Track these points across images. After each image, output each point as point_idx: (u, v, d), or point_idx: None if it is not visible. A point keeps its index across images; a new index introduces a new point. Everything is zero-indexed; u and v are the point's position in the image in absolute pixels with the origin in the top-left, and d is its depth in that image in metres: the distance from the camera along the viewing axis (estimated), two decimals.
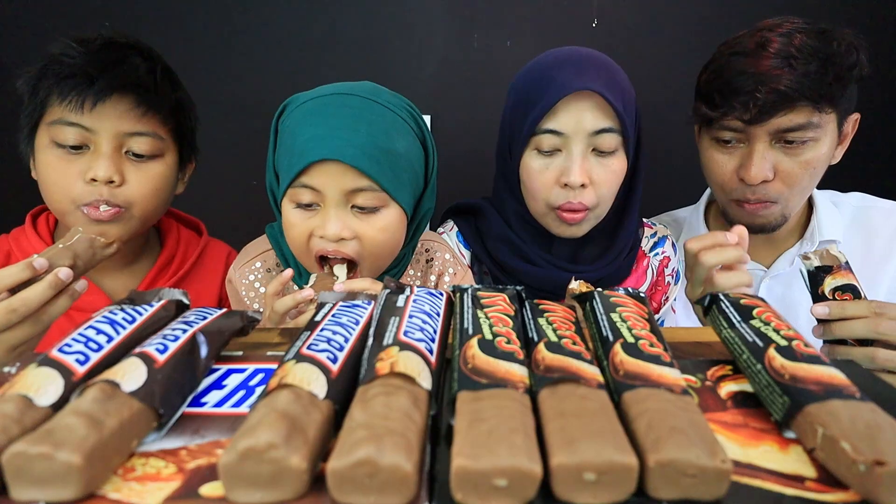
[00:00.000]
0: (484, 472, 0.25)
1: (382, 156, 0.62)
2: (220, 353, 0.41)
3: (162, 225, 0.87)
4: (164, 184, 0.75)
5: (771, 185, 0.78)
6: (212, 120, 1.21)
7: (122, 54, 0.70)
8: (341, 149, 0.60)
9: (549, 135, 0.73)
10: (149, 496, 0.27)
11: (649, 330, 0.37)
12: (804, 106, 0.73)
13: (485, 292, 0.42)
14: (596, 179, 0.74)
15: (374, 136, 0.62)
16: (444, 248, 0.82)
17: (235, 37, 1.20)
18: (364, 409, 0.28)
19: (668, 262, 0.90)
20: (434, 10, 1.21)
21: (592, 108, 0.72)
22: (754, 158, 0.77)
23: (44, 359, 0.32)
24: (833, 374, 0.32)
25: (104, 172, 0.69)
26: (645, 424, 0.28)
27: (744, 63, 0.75)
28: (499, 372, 0.32)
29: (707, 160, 0.85)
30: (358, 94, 0.64)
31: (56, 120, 0.68)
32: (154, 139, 0.72)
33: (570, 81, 0.71)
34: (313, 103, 0.65)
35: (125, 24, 1.16)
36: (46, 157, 0.70)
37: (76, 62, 0.67)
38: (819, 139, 0.76)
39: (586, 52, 0.76)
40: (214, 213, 1.01)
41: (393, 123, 0.65)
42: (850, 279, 0.62)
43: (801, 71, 0.72)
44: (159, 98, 0.72)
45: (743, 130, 0.77)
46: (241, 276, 0.75)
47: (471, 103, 1.25)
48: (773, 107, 0.73)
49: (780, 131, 0.75)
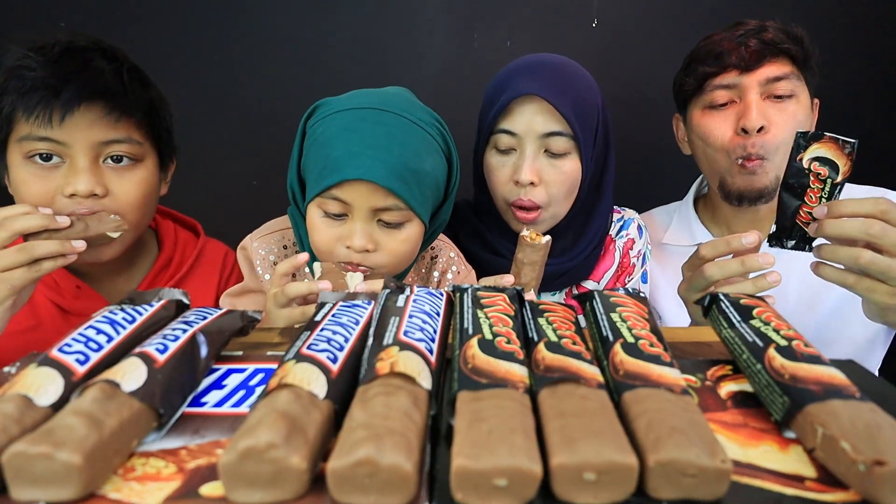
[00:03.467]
0: (484, 471, 0.25)
1: (412, 176, 0.65)
2: (220, 352, 0.41)
3: (159, 227, 0.86)
4: (149, 189, 0.73)
5: (765, 139, 0.83)
6: (212, 119, 1.22)
7: (84, 59, 0.66)
8: (375, 169, 0.62)
9: (504, 134, 0.79)
10: (149, 496, 0.27)
11: (649, 330, 0.37)
12: (785, 58, 0.82)
13: (485, 292, 0.42)
14: (546, 179, 0.78)
15: (406, 157, 0.64)
16: (449, 247, 0.84)
17: (235, 36, 1.20)
18: (364, 409, 0.28)
19: (633, 244, 0.94)
20: (434, 10, 1.21)
21: (543, 111, 0.76)
22: (752, 106, 0.82)
23: (44, 359, 0.32)
24: (833, 374, 0.32)
25: (85, 186, 0.65)
26: (645, 424, 0.28)
27: (724, 35, 0.85)
28: (499, 372, 0.32)
29: (703, 129, 0.88)
30: (392, 111, 0.66)
31: (25, 136, 0.64)
32: (131, 144, 0.69)
33: (520, 86, 0.76)
34: (349, 115, 0.66)
35: (121, 20, 1.16)
36: (20, 175, 0.66)
37: (37, 74, 0.63)
38: (798, 96, 0.83)
39: (548, 59, 0.81)
40: (214, 214, 1.01)
41: (423, 142, 0.67)
42: (835, 154, 0.60)
43: (776, 31, 0.82)
44: (130, 101, 0.68)
45: (735, 86, 0.83)
46: (258, 247, 0.76)
47: (471, 103, 1.24)
48: (763, 53, 0.81)
49: (768, 81, 0.82)
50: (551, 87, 0.75)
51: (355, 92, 0.70)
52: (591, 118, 0.80)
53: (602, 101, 0.83)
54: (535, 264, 0.67)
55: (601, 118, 0.82)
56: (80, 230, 0.63)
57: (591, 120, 0.80)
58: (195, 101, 1.19)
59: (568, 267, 0.88)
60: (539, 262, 0.68)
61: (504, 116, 0.78)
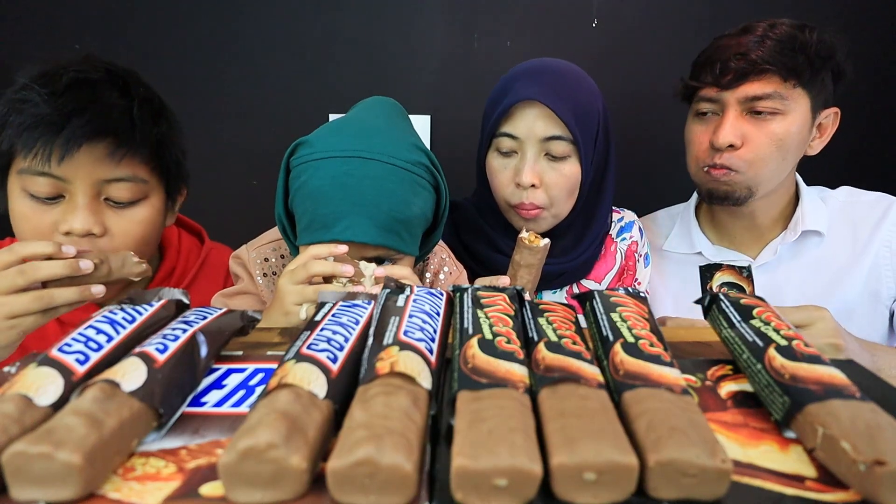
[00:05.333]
0: (484, 471, 0.25)
1: (401, 226, 0.66)
2: (220, 352, 0.41)
3: (163, 235, 0.83)
4: (151, 228, 0.70)
5: (737, 154, 0.84)
6: (212, 121, 1.22)
7: (93, 93, 0.62)
8: (365, 229, 0.63)
9: (506, 137, 0.80)
10: (149, 496, 0.27)
11: (649, 329, 0.37)
12: (772, 76, 0.80)
13: (485, 292, 0.42)
14: (547, 182, 0.80)
15: (395, 210, 0.65)
16: (441, 248, 0.85)
17: (235, 37, 1.20)
18: (364, 409, 0.28)
19: (637, 246, 0.95)
20: (434, 10, 1.21)
21: (543, 116, 0.77)
22: (724, 123, 0.83)
23: (44, 358, 0.32)
24: (833, 374, 0.32)
25: (81, 225, 0.62)
26: (645, 424, 0.28)
27: (726, 41, 0.84)
28: (499, 372, 0.32)
29: (687, 134, 0.92)
30: (378, 159, 0.64)
31: (24, 169, 0.62)
32: (135, 183, 0.66)
33: (521, 91, 0.78)
34: (334, 165, 0.64)
35: (121, 21, 1.16)
36: (19, 207, 0.64)
37: (40, 109, 0.60)
38: (786, 113, 0.82)
39: (550, 65, 0.82)
40: (215, 215, 1.01)
41: (410, 186, 0.66)
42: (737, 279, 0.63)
43: (772, 46, 0.80)
44: (138, 138, 0.64)
45: (717, 100, 0.84)
46: (256, 256, 0.77)
47: (471, 103, 1.25)
48: (744, 73, 0.80)
49: (748, 99, 0.82)
50: (551, 93, 0.77)
51: (336, 126, 0.68)
52: (591, 122, 0.81)
53: (603, 105, 0.84)
54: (532, 267, 0.67)
55: (601, 122, 0.83)
56: (104, 274, 0.59)
57: (592, 124, 0.82)
58: (194, 103, 1.19)
59: (568, 267, 0.89)
60: (536, 266, 0.68)
61: (506, 120, 0.80)
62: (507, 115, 0.79)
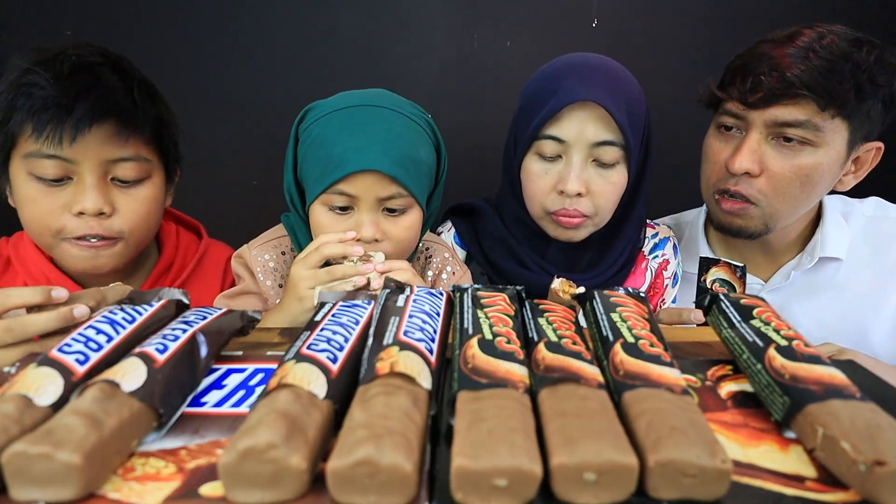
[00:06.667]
0: (484, 472, 0.25)
1: (411, 164, 0.68)
2: (220, 352, 0.41)
3: (161, 229, 0.84)
4: (155, 206, 0.72)
5: (755, 182, 0.75)
6: (212, 120, 1.22)
7: (95, 75, 0.64)
8: (380, 159, 0.65)
9: (550, 141, 0.73)
10: (149, 496, 0.27)
11: (649, 330, 0.37)
12: (808, 102, 0.69)
13: (485, 292, 0.42)
14: (594, 190, 0.74)
15: (405, 148, 0.67)
16: (443, 248, 0.84)
17: (235, 36, 1.20)
18: (364, 409, 0.28)
19: (667, 265, 0.88)
20: (434, 10, 1.21)
21: (595, 119, 0.71)
22: (744, 147, 0.74)
23: (44, 359, 0.32)
24: (833, 374, 0.32)
25: (93, 205, 0.64)
26: (645, 424, 0.28)
27: (766, 48, 0.73)
28: (499, 372, 0.32)
29: (705, 147, 0.82)
30: (385, 107, 0.69)
31: (32, 153, 0.63)
32: (140, 163, 0.68)
33: (575, 90, 0.70)
34: (344, 114, 0.68)
35: (121, 21, 1.16)
36: (25, 191, 0.64)
37: (47, 92, 0.61)
38: (818, 145, 0.71)
39: (597, 61, 0.75)
40: (214, 214, 1.01)
41: (416, 133, 0.70)
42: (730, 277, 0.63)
43: (815, 64, 0.68)
44: (141, 118, 0.66)
45: (742, 117, 0.74)
46: (257, 255, 0.78)
47: (471, 103, 1.25)
48: (775, 94, 0.70)
49: (777, 124, 0.71)
50: (607, 94, 0.70)
51: (342, 94, 0.72)
52: (640, 127, 0.75)
53: (648, 107, 0.77)
54: None
55: (647, 126, 0.77)
56: None
57: (641, 128, 0.75)
58: (195, 101, 1.19)
59: (595, 283, 0.81)
60: None
61: (552, 122, 0.72)
62: (554, 116, 0.71)
